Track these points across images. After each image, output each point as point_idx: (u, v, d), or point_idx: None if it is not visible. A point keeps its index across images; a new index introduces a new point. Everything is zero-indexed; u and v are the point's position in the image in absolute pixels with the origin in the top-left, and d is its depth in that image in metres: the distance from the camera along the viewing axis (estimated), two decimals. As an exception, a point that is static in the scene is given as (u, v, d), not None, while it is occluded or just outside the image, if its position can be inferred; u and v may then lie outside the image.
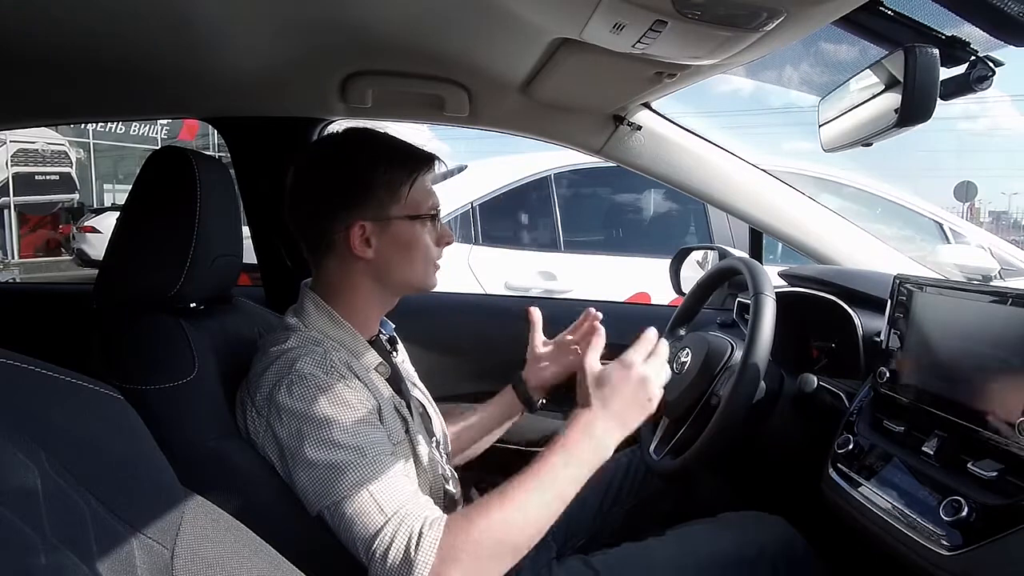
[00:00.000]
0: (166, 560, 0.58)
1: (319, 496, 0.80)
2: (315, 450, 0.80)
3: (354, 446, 0.81)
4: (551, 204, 3.03)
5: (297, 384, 0.82)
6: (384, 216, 0.91)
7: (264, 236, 1.49)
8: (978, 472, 0.72)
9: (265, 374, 0.84)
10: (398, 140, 0.97)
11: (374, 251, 0.91)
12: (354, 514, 0.78)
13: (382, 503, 0.78)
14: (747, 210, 1.38)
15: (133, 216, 0.95)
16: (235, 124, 1.45)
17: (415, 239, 0.94)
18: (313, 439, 0.80)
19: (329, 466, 0.79)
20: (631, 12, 0.73)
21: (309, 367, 0.83)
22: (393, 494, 0.79)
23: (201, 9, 0.88)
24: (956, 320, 0.83)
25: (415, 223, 0.93)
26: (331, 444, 0.80)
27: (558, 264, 2.91)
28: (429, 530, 0.76)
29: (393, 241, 0.92)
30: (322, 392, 0.82)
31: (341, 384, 0.84)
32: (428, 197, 0.95)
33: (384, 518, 0.77)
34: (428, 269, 0.96)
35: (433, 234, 0.96)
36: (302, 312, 0.93)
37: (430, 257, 0.96)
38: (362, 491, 0.78)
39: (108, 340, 0.88)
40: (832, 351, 1.14)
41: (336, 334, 0.91)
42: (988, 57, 0.89)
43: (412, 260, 0.94)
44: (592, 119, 1.33)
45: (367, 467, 0.80)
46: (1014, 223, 27.99)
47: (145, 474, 0.61)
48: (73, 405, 0.57)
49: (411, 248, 0.94)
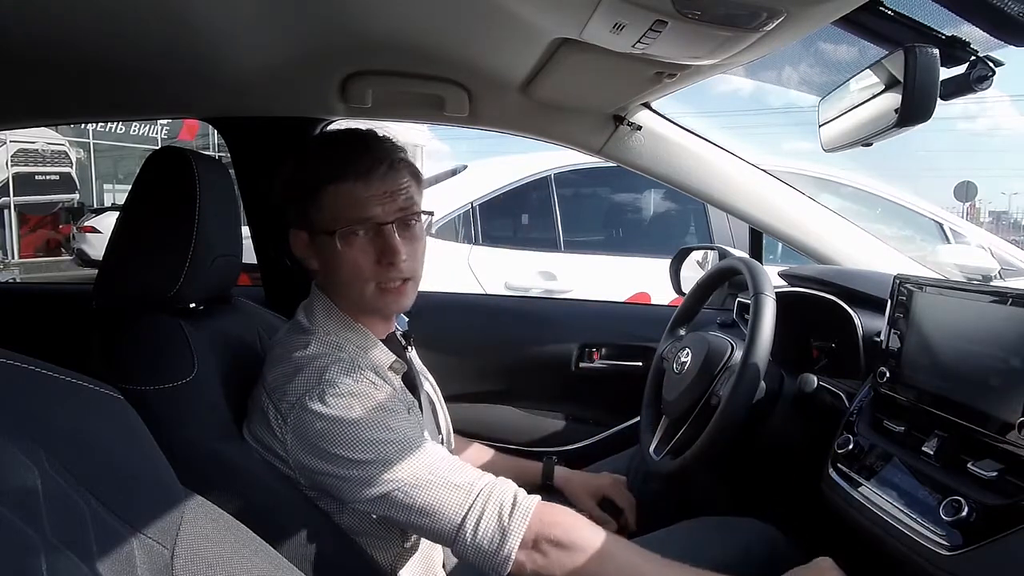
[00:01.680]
0: (166, 560, 0.58)
1: (371, 487, 0.79)
2: (360, 451, 0.79)
3: (398, 440, 0.81)
4: (551, 204, 3.03)
5: (330, 392, 0.81)
6: (310, 225, 0.87)
7: (264, 236, 1.49)
8: (978, 472, 0.72)
9: (292, 382, 0.83)
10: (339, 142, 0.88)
11: (316, 262, 0.89)
12: (427, 495, 0.78)
13: (455, 479, 0.79)
14: (747, 210, 1.38)
15: (133, 216, 0.95)
16: (235, 124, 1.45)
17: (335, 256, 0.85)
18: (355, 442, 0.80)
19: (378, 461, 0.79)
20: (631, 12, 0.73)
21: (339, 375, 0.82)
22: (463, 471, 0.80)
23: (201, 9, 0.87)
24: (956, 320, 0.83)
25: (333, 238, 0.84)
26: (376, 443, 0.80)
27: (558, 264, 2.91)
28: (523, 499, 0.78)
29: (320, 254, 0.87)
30: (356, 398, 0.81)
31: (371, 388, 0.83)
32: (352, 208, 0.84)
33: (465, 491, 0.78)
34: (364, 290, 0.87)
35: (366, 250, 0.85)
36: (312, 313, 0.91)
37: (361, 276, 0.86)
38: (426, 474, 0.79)
39: (108, 340, 0.88)
40: (832, 351, 1.14)
41: (349, 335, 0.90)
42: (988, 57, 0.89)
43: (340, 279, 0.87)
44: (592, 119, 1.33)
45: (417, 455, 0.80)
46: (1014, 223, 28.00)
47: (145, 474, 0.61)
48: (73, 405, 0.57)
49: (335, 265, 0.86)
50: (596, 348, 1.58)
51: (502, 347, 1.59)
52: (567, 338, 1.58)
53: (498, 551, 0.76)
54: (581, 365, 1.57)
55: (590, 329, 1.60)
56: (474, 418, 1.52)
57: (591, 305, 1.95)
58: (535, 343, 1.58)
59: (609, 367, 1.57)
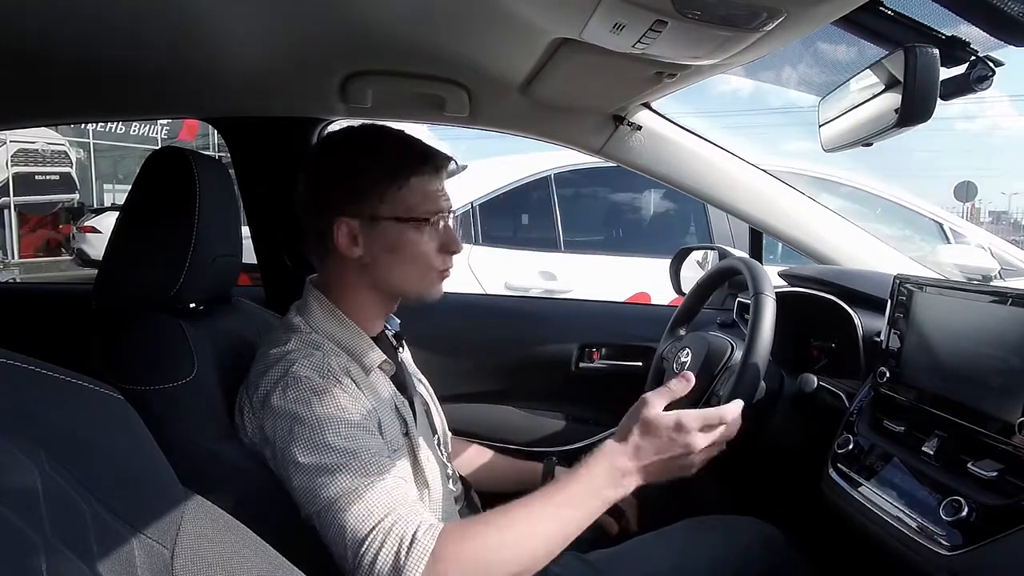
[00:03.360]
0: (166, 560, 0.58)
1: (310, 499, 0.78)
2: (306, 453, 0.78)
3: (346, 449, 0.78)
4: (551, 204, 3.03)
5: (292, 386, 0.81)
6: (369, 215, 0.88)
7: (264, 236, 1.49)
8: (978, 472, 0.72)
9: (264, 376, 0.84)
10: (407, 137, 0.93)
11: (363, 250, 0.89)
12: (343, 517, 0.75)
13: (373, 507, 0.75)
14: (747, 210, 1.38)
15: (132, 216, 0.95)
16: (235, 124, 1.45)
17: (405, 243, 0.89)
18: (304, 441, 0.79)
19: (319, 469, 0.77)
20: (631, 12, 0.73)
21: (305, 370, 0.82)
22: (386, 497, 0.76)
23: (201, 9, 0.87)
24: (956, 320, 0.83)
25: (406, 226, 0.89)
26: (323, 447, 0.78)
27: (558, 264, 2.91)
28: (423, 536, 0.73)
29: (381, 242, 0.89)
30: (316, 395, 0.81)
31: (337, 388, 0.82)
32: (426, 200, 0.90)
33: (374, 522, 0.74)
34: (424, 277, 0.92)
35: (434, 240, 0.91)
36: (305, 310, 0.92)
37: (427, 264, 0.91)
38: (352, 494, 0.76)
39: (108, 340, 0.88)
40: (832, 351, 1.14)
41: (339, 333, 0.90)
42: (988, 57, 0.89)
43: (402, 265, 0.90)
44: (592, 119, 1.33)
45: (359, 470, 0.77)
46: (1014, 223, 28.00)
47: (145, 474, 0.61)
48: (73, 405, 0.57)
49: (400, 252, 0.89)
50: (596, 348, 1.57)
51: (502, 347, 1.59)
52: (567, 338, 1.58)
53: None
54: (581, 365, 1.57)
55: (590, 329, 1.60)
56: (474, 418, 1.52)
57: (591, 305, 1.95)
58: (535, 343, 1.58)
59: (609, 367, 1.57)
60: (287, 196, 0.99)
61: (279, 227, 1.45)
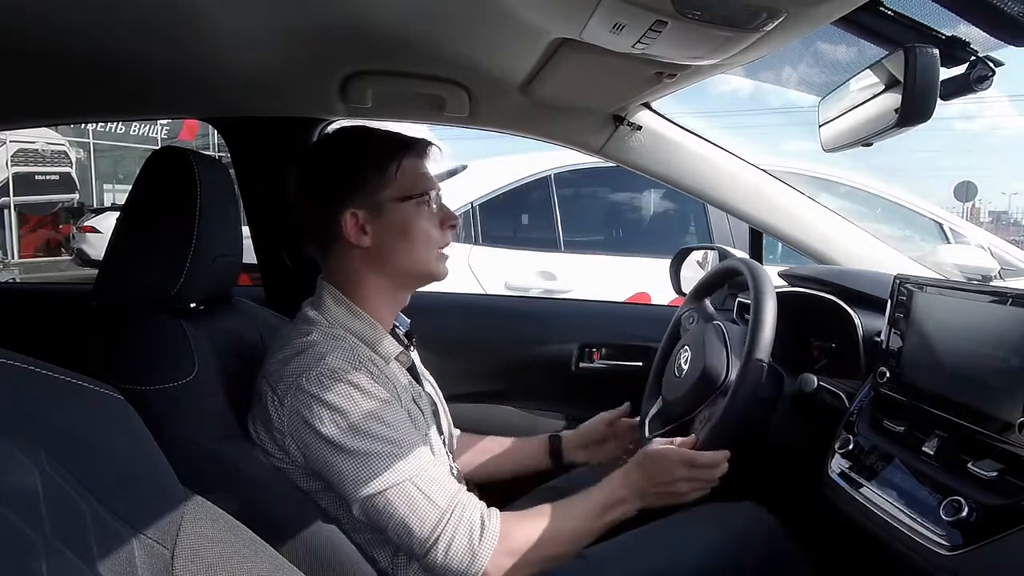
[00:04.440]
0: (166, 561, 0.58)
1: (358, 484, 0.81)
2: (352, 439, 0.81)
3: (389, 438, 0.82)
4: (551, 204, 3.03)
5: (328, 376, 0.83)
6: (375, 200, 0.91)
7: (264, 236, 1.49)
8: (978, 472, 0.72)
9: (290, 364, 0.84)
10: (390, 130, 0.97)
11: (371, 238, 0.91)
12: (405, 506, 0.81)
13: (433, 495, 0.82)
14: (747, 210, 1.38)
15: (133, 216, 0.96)
16: (235, 124, 1.45)
17: (409, 221, 0.92)
18: (347, 428, 0.81)
19: (368, 455, 0.81)
20: (631, 12, 0.73)
21: (338, 361, 0.84)
22: (442, 487, 0.83)
23: (202, 9, 0.88)
24: (956, 320, 0.83)
25: (407, 204, 0.92)
26: (367, 435, 0.82)
27: (558, 264, 2.91)
28: (490, 521, 0.83)
29: (388, 226, 0.92)
30: (353, 386, 0.83)
31: (370, 379, 0.85)
32: (420, 179, 0.94)
33: (439, 511, 0.81)
34: (430, 255, 0.94)
35: (432, 218, 0.94)
36: (320, 305, 0.93)
37: (430, 242, 0.94)
38: (408, 483, 0.81)
39: (108, 340, 0.88)
40: (832, 351, 1.13)
41: (356, 326, 0.91)
42: (988, 57, 0.89)
43: (410, 245, 0.93)
44: (592, 119, 1.33)
45: (406, 459, 0.82)
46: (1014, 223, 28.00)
47: (145, 474, 0.61)
48: (74, 405, 0.57)
49: (407, 231, 0.92)
50: (596, 348, 1.57)
51: (502, 347, 1.59)
52: (567, 338, 1.58)
53: (467, 571, 0.81)
54: (581, 365, 1.57)
55: (590, 329, 1.60)
56: (474, 418, 1.52)
57: (591, 305, 1.95)
58: (535, 343, 1.58)
59: (609, 367, 1.57)
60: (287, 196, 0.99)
61: (279, 227, 1.45)
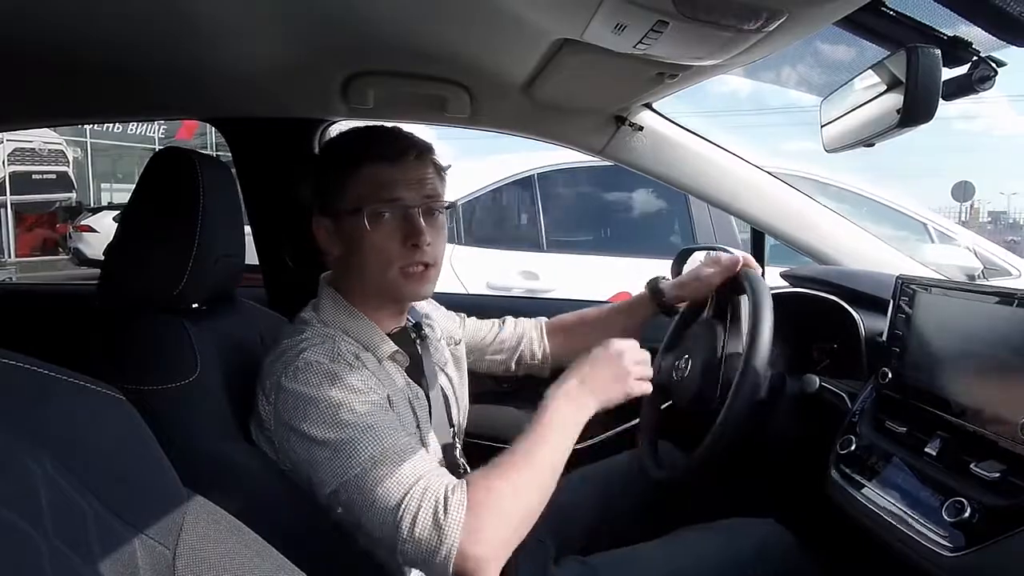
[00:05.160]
0: (168, 561, 0.58)
1: (332, 474, 0.79)
2: (323, 430, 0.79)
3: (363, 424, 0.80)
4: (534, 204, 3.03)
5: (302, 370, 0.82)
6: (334, 209, 0.88)
7: (266, 236, 1.49)
8: (981, 473, 0.71)
9: (276, 364, 0.85)
10: (372, 128, 0.93)
11: (338, 249, 0.90)
12: (372, 489, 0.77)
13: (401, 475, 0.77)
14: (749, 211, 1.38)
15: (136, 216, 0.96)
16: (237, 125, 1.45)
17: (361, 236, 0.86)
18: (320, 420, 0.80)
19: (339, 444, 0.79)
20: (633, 13, 0.73)
21: (315, 355, 0.83)
22: (411, 464, 0.78)
23: (203, 10, 0.87)
24: (959, 321, 0.83)
25: (358, 217, 0.86)
26: (339, 424, 0.79)
27: (540, 264, 2.90)
28: (453, 494, 0.76)
29: (345, 239, 0.89)
30: (326, 377, 0.81)
31: (347, 371, 0.83)
32: (379, 189, 0.86)
33: (405, 488, 0.76)
34: (385, 273, 0.88)
35: (392, 232, 0.87)
36: (317, 305, 0.93)
37: (384, 259, 0.87)
38: (378, 465, 0.77)
39: (110, 340, 0.88)
40: (834, 352, 1.13)
41: (350, 325, 0.90)
42: (990, 57, 0.89)
43: (361, 261, 0.88)
44: (594, 120, 1.33)
45: (378, 442, 0.79)
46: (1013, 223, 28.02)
47: (147, 475, 0.61)
48: (76, 405, 0.57)
49: (360, 247, 0.87)
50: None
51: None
52: None
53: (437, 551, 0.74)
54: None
55: None
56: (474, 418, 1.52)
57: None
58: None
59: None
60: (289, 196, 0.99)
61: (281, 227, 1.45)
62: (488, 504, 0.76)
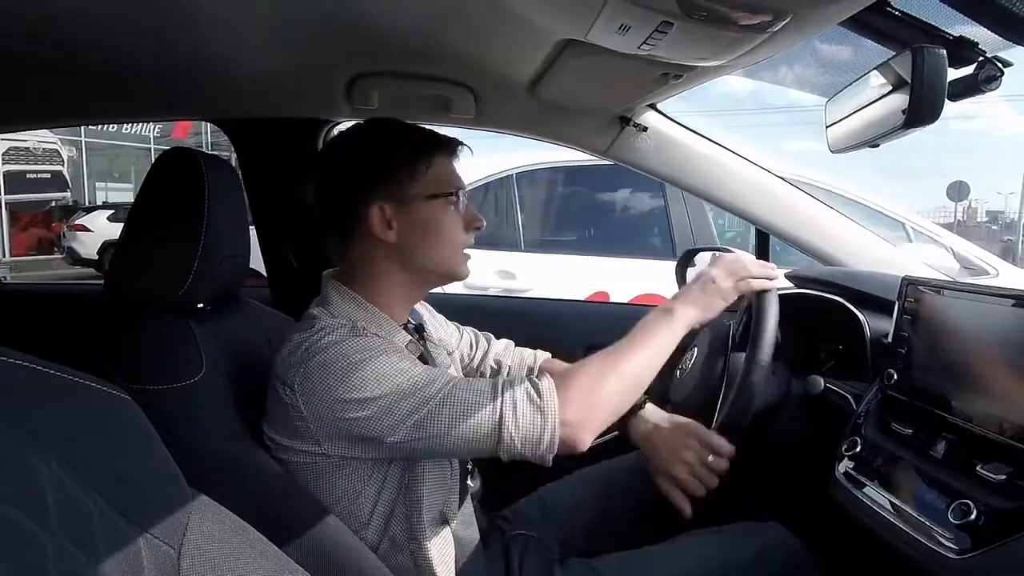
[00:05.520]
0: (173, 560, 0.58)
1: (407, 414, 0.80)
2: (377, 386, 0.80)
3: (418, 369, 0.83)
4: (512, 204, 3.03)
5: (331, 348, 0.82)
6: (403, 196, 0.90)
7: (271, 237, 1.49)
8: (987, 475, 0.71)
9: (295, 353, 0.84)
10: (422, 126, 0.98)
11: (396, 234, 0.91)
12: (460, 404, 0.81)
13: (481, 387, 0.82)
14: (753, 211, 1.37)
15: (142, 216, 0.96)
16: (241, 125, 1.46)
17: (437, 220, 0.92)
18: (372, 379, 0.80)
19: (394, 391, 0.80)
20: (637, 13, 0.73)
21: (337, 336, 0.84)
22: (484, 381, 0.84)
23: (208, 11, 0.87)
24: (965, 322, 0.83)
25: (435, 203, 0.92)
26: (395, 373, 0.82)
27: (517, 263, 2.90)
28: (540, 380, 0.83)
29: (414, 223, 0.91)
30: (359, 347, 0.83)
31: (376, 340, 0.85)
32: (450, 178, 0.94)
33: (493, 393, 0.82)
34: (454, 254, 0.95)
35: (458, 218, 0.94)
36: (326, 301, 0.92)
37: (455, 241, 0.94)
38: (455, 387, 0.82)
39: (114, 340, 0.88)
40: (839, 353, 1.13)
41: (362, 316, 0.90)
42: (996, 58, 0.89)
43: (435, 243, 0.93)
44: (598, 120, 1.33)
45: (441, 376, 0.83)
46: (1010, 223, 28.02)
47: (152, 474, 0.61)
48: (81, 405, 0.57)
49: (433, 230, 0.92)
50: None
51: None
52: (573, 340, 1.57)
53: (544, 428, 0.81)
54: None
55: (596, 331, 1.59)
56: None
57: (598, 307, 1.95)
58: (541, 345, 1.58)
59: None
60: (293, 196, 0.99)
61: (286, 227, 1.45)
62: (574, 377, 0.85)
